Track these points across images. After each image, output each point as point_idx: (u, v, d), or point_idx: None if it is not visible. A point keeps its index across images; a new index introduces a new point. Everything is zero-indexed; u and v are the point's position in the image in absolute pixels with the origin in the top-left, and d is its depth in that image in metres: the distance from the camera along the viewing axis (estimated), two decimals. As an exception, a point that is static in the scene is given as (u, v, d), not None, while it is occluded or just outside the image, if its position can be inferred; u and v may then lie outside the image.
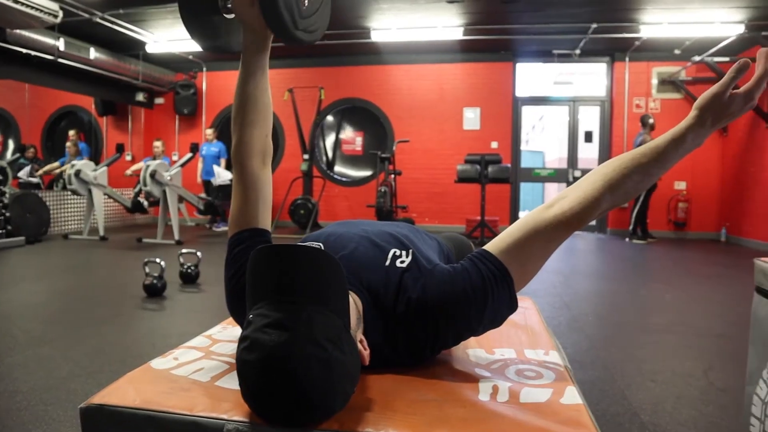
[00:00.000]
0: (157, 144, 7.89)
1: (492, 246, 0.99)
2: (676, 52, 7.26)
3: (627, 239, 7.28)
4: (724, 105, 0.91)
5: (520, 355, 1.12)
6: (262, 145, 1.10)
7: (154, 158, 7.54)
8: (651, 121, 7.07)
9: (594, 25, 6.57)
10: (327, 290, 0.76)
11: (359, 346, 0.84)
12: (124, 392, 0.86)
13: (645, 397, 1.89)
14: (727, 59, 6.80)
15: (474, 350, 1.14)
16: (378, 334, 0.96)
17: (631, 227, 7.25)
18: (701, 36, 6.52)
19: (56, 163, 8.14)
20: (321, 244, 1.05)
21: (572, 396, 0.89)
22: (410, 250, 1.04)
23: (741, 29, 6.12)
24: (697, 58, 6.96)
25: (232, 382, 0.89)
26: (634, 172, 0.94)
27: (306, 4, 1.03)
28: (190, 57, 8.38)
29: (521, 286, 0.98)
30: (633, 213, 7.22)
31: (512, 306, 0.98)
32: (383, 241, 1.08)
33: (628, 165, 0.95)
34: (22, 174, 7.54)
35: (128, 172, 7.87)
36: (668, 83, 7.79)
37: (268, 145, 1.12)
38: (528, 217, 0.99)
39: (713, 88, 0.91)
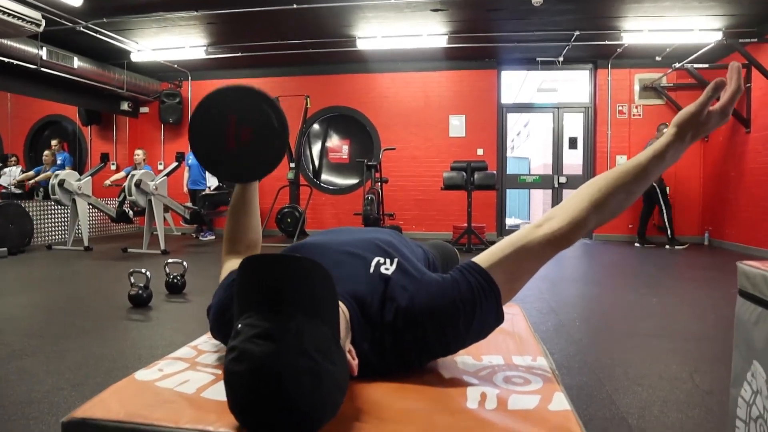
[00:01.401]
0: (138, 152, 7.71)
1: (481, 259, 1.00)
2: (657, 59, 7.39)
3: (666, 247, 7.14)
4: (702, 122, 0.95)
5: (508, 362, 1.12)
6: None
7: (135, 167, 7.44)
8: (665, 130, 7.17)
9: (576, 33, 6.67)
10: (317, 300, 0.75)
11: (348, 356, 0.83)
12: (107, 405, 0.84)
13: (632, 401, 1.90)
14: (706, 66, 6.91)
15: (462, 357, 1.13)
16: (365, 343, 0.96)
17: (669, 233, 7.18)
18: (681, 43, 6.64)
19: (31, 173, 7.99)
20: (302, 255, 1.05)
21: (560, 402, 0.89)
22: (395, 258, 1.05)
23: (719, 36, 6.24)
24: (677, 65, 7.07)
25: (218, 394, 0.88)
26: (618, 191, 0.98)
27: (236, 148, 1.14)
28: (175, 66, 8.34)
29: (507, 300, 1.00)
30: (665, 220, 7.16)
31: (499, 318, 0.99)
32: (366, 249, 1.08)
33: (612, 185, 0.98)
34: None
35: (107, 182, 7.66)
36: (650, 89, 7.92)
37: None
38: (517, 234, 1.01)
39: (691, 108, 0.95)
